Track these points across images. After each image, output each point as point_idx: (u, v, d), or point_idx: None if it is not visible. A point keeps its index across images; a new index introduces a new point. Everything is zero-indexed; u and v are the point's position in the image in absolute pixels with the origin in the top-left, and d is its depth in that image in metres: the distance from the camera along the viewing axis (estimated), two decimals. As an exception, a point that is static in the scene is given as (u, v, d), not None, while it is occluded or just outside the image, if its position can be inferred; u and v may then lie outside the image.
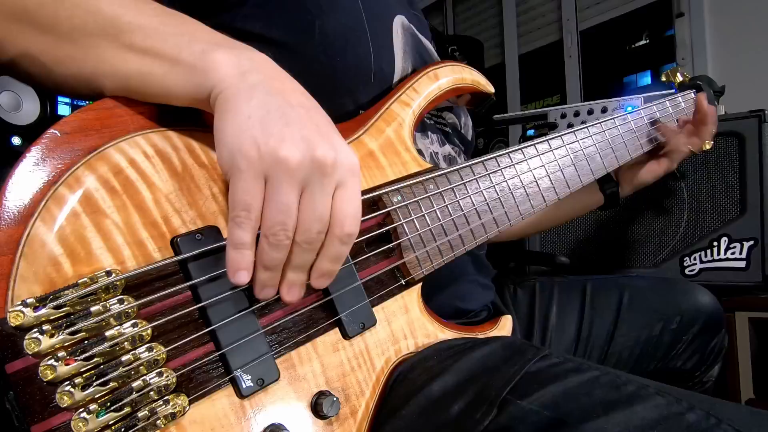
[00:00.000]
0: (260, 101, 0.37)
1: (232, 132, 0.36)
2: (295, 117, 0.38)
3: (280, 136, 0.36)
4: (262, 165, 0.36)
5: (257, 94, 0.37)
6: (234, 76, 0.38)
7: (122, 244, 0.37)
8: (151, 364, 0.37)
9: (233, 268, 0.38)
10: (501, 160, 0.63)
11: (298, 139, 0.36)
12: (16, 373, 0.32)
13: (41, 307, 0.33)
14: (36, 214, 0.35)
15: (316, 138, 0.37)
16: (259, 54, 0.41)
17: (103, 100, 0.40)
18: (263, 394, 0.41)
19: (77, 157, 0.37)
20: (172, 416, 0.37)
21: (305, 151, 0.36)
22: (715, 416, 0.38)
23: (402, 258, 0.53)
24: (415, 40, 0.68)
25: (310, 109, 0.40)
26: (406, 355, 0.52)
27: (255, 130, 0.36)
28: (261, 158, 0.36)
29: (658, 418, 0.38)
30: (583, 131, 0.74)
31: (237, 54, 0.39)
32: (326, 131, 0.39)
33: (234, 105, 0.37)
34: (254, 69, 0.39)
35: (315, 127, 0.38)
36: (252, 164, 0.36)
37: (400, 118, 0.59)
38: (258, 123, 0.36)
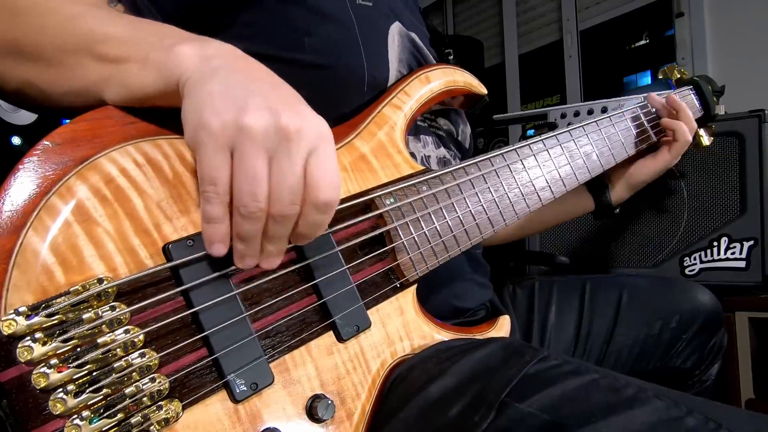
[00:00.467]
0: (222, 78, 0.37)
1: (194, 108, 0.36)
2: (258, 89, 0.37)
3: (242, 105, 0.35)
4: (225, 136, 0.35)
5: (219, 73, 0.37)
6: (198, 63, 0.38)
7: (114, 251, 0.38)
8: (144, 370, 0.37)
9: (208, 242, 0.38)
10: (495, 161, 0.63)
11: (261, 108, 0.36)
12: (10, 381, 0.33)
13: (34, 315, 0.34)
14: (28, 224, 0.35)
15: (281, 106, 0.37)
16: (225, 44, 0.41)
17: (93, 111, 0.41)
18: (257, 399, 0.41)
19: (69, 167, 0.37)
20: (165, 422, 0.37)
21: (269, 119, 0.36)
22: (714, 420, 0.38)
23: (396, 260, 0.53)
24: (413, 46, 0.68)
25: (274, 84, 0.40)
26: (402, 357, 0.52)
27: (216, 102, 0.35)
28: (224, 129, 0.35)
29: (657, 422, 0.38)
30: (578, 130, 0.74)
31: (202, 43, 0.40)
32: (292, 101, 0.39)
33: (196, 86, 0.37)
34: (218, 54, 0.39)
35: (279, 98, 0.38)
36: (214, 136, 0.35)
37: (391, 121, 0.59)
38: (219, 96, 0.36)
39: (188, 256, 0.40)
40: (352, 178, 0.53)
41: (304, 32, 0.56)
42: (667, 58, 1.97)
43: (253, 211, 0.36)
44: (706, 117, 0.97)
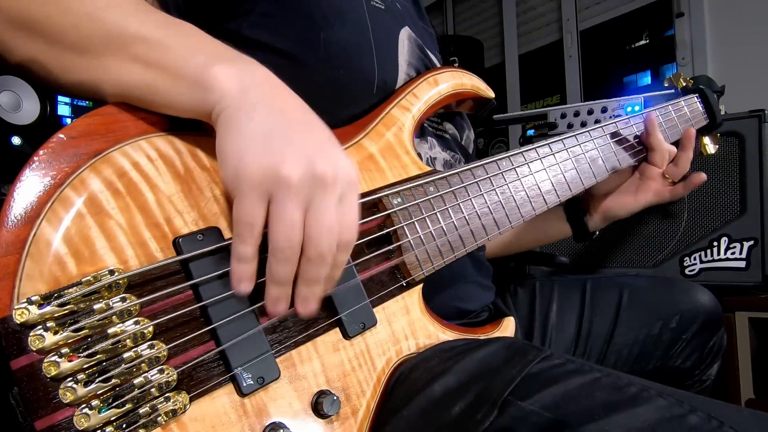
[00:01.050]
0: (261, 120, 0.38)
1: (236, 152, 0.37)
2: (295, 134, 0.39)
3: (281, 156, 0.37)
4: (265, 185, 0.37)
5: (258, 113, 0.38)
6: (235, 93, 0.38)
7: (125, 244, 0.38)
8: (153, 362, 0.37)
9: (237, 279, 0.39)
10: (501, 163, 0.63)
11: (298, 157, 0.37)
12: (21, 369, 0.33)
13: (46, 304, 0.34)
14: (42, 215, 0.35)
15: (316, 154, 0.38)
16: (260, 68, 0.42)
17: (108, 106, 0.41)
18: (263, 393, 0.42)
19: (82, 161, 0.38)
20: (172, 413, 0.37)
21: (306, 168, 0.37)
22: (716, 418, 0.38)
23: (402, 259, 0.53)
24: (422, 52, 0.68)
25: (309, 125, 0.41)
26: (407, 355, 0.52)
27: (257, 150, 0.37)
28: (264, 179, 0.37)
29: (659, 420, 0.38)
30: (585, 135, 0.74)
31: (238, 68, 0.40)
32: (325, 146, 0.40)
33: (236, 124, 0.38)
34: (255, 85, 0.40)
35: (315, 143, 0.39)
36: (255, 185, 0.37)
37: (400, 122, 0.59)
38: (259, 144, 0.37)
39: (198, 250, 0.40)
40: (360, 177, 0.53)
41: (321, 27, 0.57)
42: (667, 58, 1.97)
43: (288, 255, 0.38)
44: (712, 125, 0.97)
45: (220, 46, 0.42)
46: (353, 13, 0.59)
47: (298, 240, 0.38)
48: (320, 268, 0.40)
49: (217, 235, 0.42)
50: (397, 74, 0.63)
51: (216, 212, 0.43)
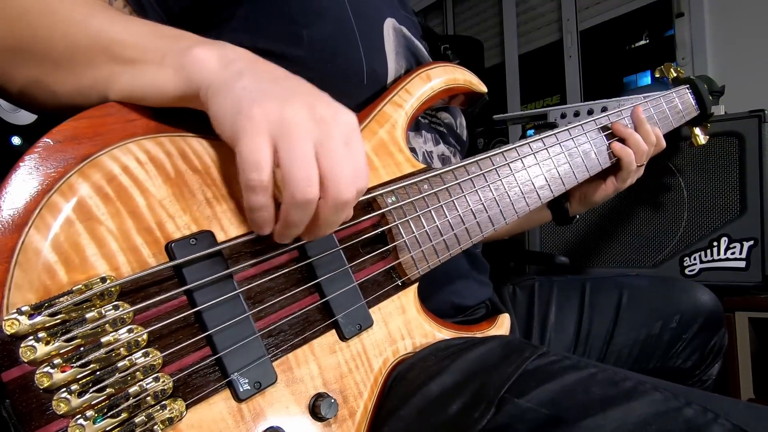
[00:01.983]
0: (250, 78, 0.38)
1: (231, 102, 0.36)
2: (288, 85, 0.39)
3: (281, 98, 0.36)
4: (267, 125, 0.36)
5: (245, 75, 0.38)
6: (219, 68, 0.39)
7: (117, 250, 0.38)
8: (148, 370, 0.37)
9: (258, 227, 0.39)
10: (495, 159, 0.63)
11: (297, 101, 0.37)
12: (13, 381, 0.32)
13: (36, 314, 0.33)
14: (30, 223, 0.35)
15: (315, 101, 0.38)
16: (239, 48, 0.42)
17: (94, 108, 0.40)
18: (261, 398, 0.41)
19: (70, 165, 0.37)
20: (169, 421, 0.37)
21: (308, 110, 0.37)
22: (712, 411, 0.38)
23: (398, 258, 0.53)
24: (407, 41, 0.68)
25: (299, 82, 0.41)
26: (404, 355, 0.52)
27: (254, 95, 0.36)
28: (266, 119, 0.35)
29: (655, 414, 0.38)
30: (577, 128, 0.74)
31: (218, 48, 0.40)
32: (321, 95, 0.40)
33: (225, 86, 0.37)
34: (238, 58, 0.40)
35: (310, 93, 0.39)
36: (257, 124, 0.35)
37: (392, 119, 0.59)
38: (255, 90, 0.37)
39: (191, 255, 0.40)
40: None
41: (302, 25, 0.57)
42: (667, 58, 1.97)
43: (309, 197, 0.37)
44: (702, 116, 0.97)
45: (198, 37, 0.43)
46: (334, 7, 0.59)
47: (316, 179, 0.37)
48: (342, 212, 0.39)
49: (210, 239, 0.41)
50: (386, 64, 0.63)
51: (209, 215, 0.42)
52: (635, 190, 0.91)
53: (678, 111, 0.92)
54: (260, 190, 0.36)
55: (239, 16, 0.55)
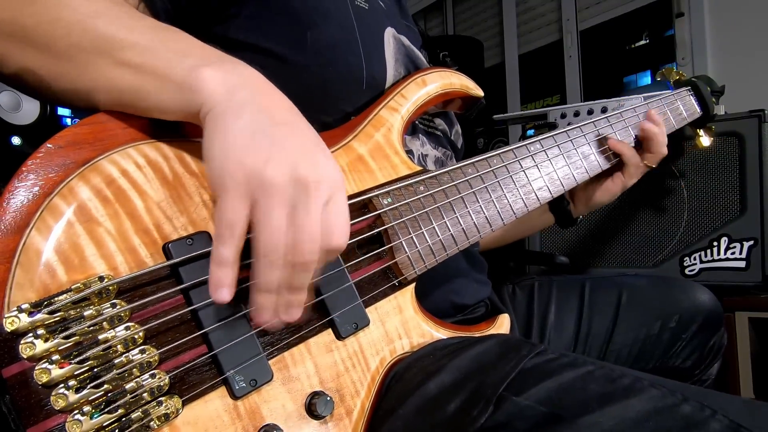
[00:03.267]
0: (247, 121, 0.38)
1: (220, 152, 0.37)
2: (280, 136, 0.39)
3: (265, 158, 0.37)
4: (247, 186, 0.37)
5: (244, 113, 0.38)
6: (222, 93, 0.39)
7: (115, 250, 0.38)
8: (144, 367, 0.38)
9: (215, 285, 0.38)
10: (492, 161, 0.63)
11: (282, 160, 0.37)
12: (12, 376, 0.33)
13: (36, 312, 0.34)
14: (31, 225, 0.36)
15: (300, 158, 0.38)
16: (247, 68, 0.42)
17: (95, 115, 0.41)
18: (257, 395, 0.42)
19: (71, 169, 0.38)
20: (165, 417, 0.37)
21: (289, 172, 0.37)
22: (709, 407, 0.38)
23: (394, 259, 0.53)
24: (407, 49, 0.69)
25: (294, 126, 0.41)
26: (401, 354, 0.52)
27: (241, 151, 0.37)
28: (246, 180, 0.37)
29: (652, 410, 0.38)
30: (576, 131, 0.74)
31: (225, 70, 0.40)
32: (310, 148, 0.40)
33: (222, 124, 0.38)
34: (241, 85, 0.40)
35: (299, 145, 0.39)
36: (237, 185, 0.37)
37: (389, 123, 0.59)
38: (244, 144, 0.37)
39: (187, 255, 0.40)
40: (350, 178, 0.53)
41: (307, 26, 0.57)
42: (667, 58, 1.97)
43: (273, 260, 0.38)
44: (705, 117, 0.97)
45: (207, 50, 0.43)
46: (338, 12, 0.60)
47: (284, 244, 0.38)
48: (303, 275, 0.40)
49: (206, 239, 0.42)
50: (385, 70, 0.63)
51: (205, 217, 0.43)
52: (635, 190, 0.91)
53: (680, 113, 0.92)
54: (230, 244, 0.37)
55: (246, 14, 0.56)
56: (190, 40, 0.43)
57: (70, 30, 0.40)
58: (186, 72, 0.39)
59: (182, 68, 0.39)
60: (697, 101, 0.96)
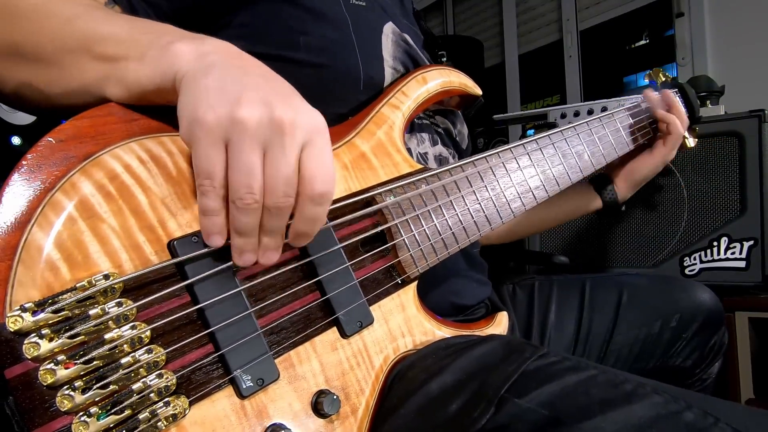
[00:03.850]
0: (217, 74, 0.37)
1: (189, 103, 0.36)
2: (253, 82, 0.38)
3: (236, 99, 0.36)
4: (219, 129, 0.35)
5: (215, 69, 0.37)
6: (193, 59, 0.38)
7: (119, 247, 0.38)
8: (151, 366, 0.37)
9: (206, 233, 0.38)
10: (490, 159, 0.64)
11: (255, 101, 0.36)
12: (16, 378, 0.33)
13: (40, 311, 0.33)
14: (33, 221, 0.35)
15: (275, 99, 0.37)
16: (223, 42, 0.41)
17: (97, 108, 0.41)
18: (263, 394, 0.42)
19: (73, 164, 0.37)
20: (173, 417, 0.37)
21: (263, 112, 0.36)
22: (712, 415, 0.38)
23: (397, 257, 0.54)
24: (407, 46, 0.69)
25: (269, 77, 0.40)
26: (404, 352, 0.52)
27: (211, 97, 0.36)
28: (218, 122, 0.35)
29: (655, 417, 0.38)
30: (570, 130, 0.75)
31: (198, 41, 0.40)
32: (286, 93, 0.39)
33: (192, 82, 0.37)
34: (213, 51, 0.39)
35: (274, 90, 0.38)
36: (209, 130, 0.35)
37: (390, 120, 0.59)
38: (213, 90, 0.36)
39: (193, 252, 0.40)
40: (353, 176, 0.53)
41: (300, 31, 0.57)
42: (667, 58, 1.97)
43: (248, 203, 0.37)
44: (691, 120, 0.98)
45: (183, 31, 0.42)
46: (331, 14, 0.60)
47: (258, 187, 0.36)
48: (277, 218, 0.38)
49: (212, 237, 0.41)
50: (383, 69, 0.63)
51: (211, 214, 0.42)
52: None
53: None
54: (211, 193, 0.37)
55: (237, 23, 0.56)
56: (166, 26, 0.43)
57: (54, 35, 0.42)
58: (162, 47, 0.39)
59: (158, 46, 0.39)
60: (683, 103, 0.96)
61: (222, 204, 0.37)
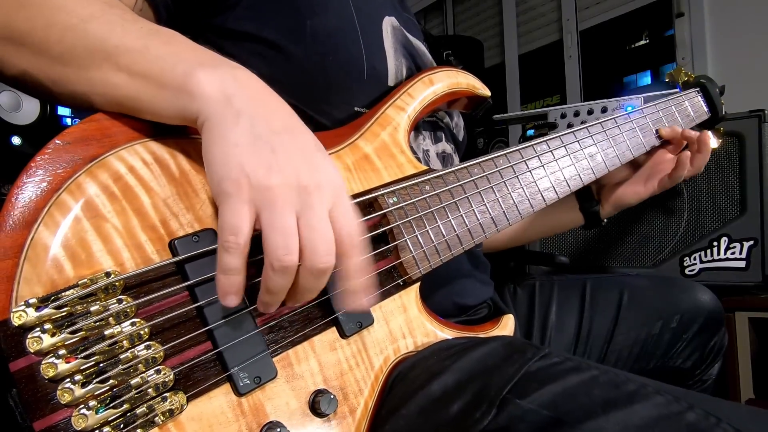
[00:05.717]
0: (245, 128, 0.38)
1: (221, 159, 0.37)
2: (280, 143, 0.39)
3: (267, 165, 0.37)
4: (250, 192, 0.37)
5: (242, 121, 0.38)
6: (218, 101, 0.38)
7: (122, 246, 0.39)
8: (149, 362, 0.38)
9: (223, 293, 0.38)
10: (498, 161, 0.63)
11: (283, 167, 0.37)
12: (19, 371, 0.34)
13: (43, 307, 0.34)
14: (39, 220, 0.36)
15: (301, 164, 0.39)
16: (243, 71, 0.42)
17: (103, 112, 0.41)
18: (261, 392, 0.42)
19: (78, 166, 0.38)
20: (170, 413, 0.38)
21: (292, 179, 0.37)
22: (714, 415, 0.38)
23: (399, 258, 0.53)
24: (406, 40, 0.69)
25: (293, 133, 0.41)
26: (405, 354, 0.52)
27: (242, 157, 0.37)
28: (250, 185, 0.37)
29: (657, 418, 0.38)
30: (582, 131, 0.74)
31: (220, 74, 0.39)
32: (310, 155, 0.40)
33: (220, 132, 0.38)
34: (238, 91, 0.39)
35: (299, 153, 0.39)
36: (240, 189, 0.36)
37: (395, 122, 0.59)
38: (245, 151, 0.37)
39: (193, 252, 0.40)
40: (356, 177, 0.53)
41: (306, 15, 0.57)
42: (667, 58, 1.97)
43: (287, 265, 0.37)
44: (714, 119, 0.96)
45: (201, 52, 0.42)
46: (336, 2, 0.60)
47: (296, 248, 0.37)
48: (318, 280, 0.40)
49: (212, 236, 0.42)
50: (386, 60, 0.63)
51: (211, 214, 0.43)
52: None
53: (688, 114, 0.91)
54: (235, 251, 0.37)
55: (245, 4, 0.56)
56: (185, 43, 0.43)
57: (63, 35, 0.40)
58: (181, 77, 0.39)
59: (177, 73, 0.39)
60: (705, 102, 0.96)
61: (244, 264, 0.38)
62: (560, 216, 0.92)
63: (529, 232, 0.94)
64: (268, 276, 0.38)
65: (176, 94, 0.39)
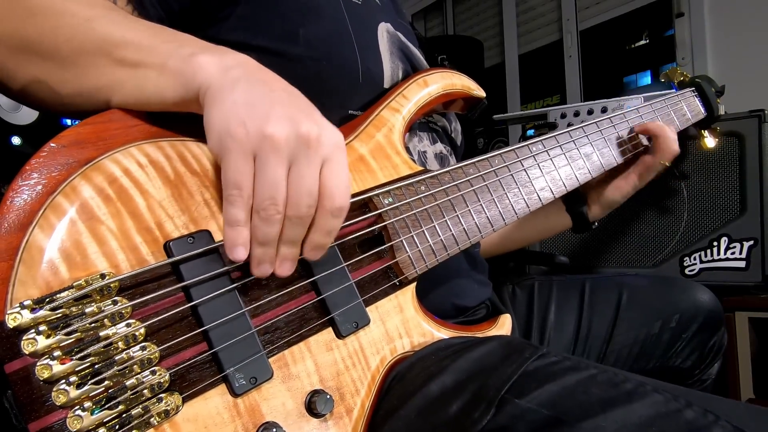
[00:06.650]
0: (244, 89, 0.39)
1: (220, 117, 0.38)
2: (278, 99, 0.40)
3: (265, 115, 0.38)
4: (249, 143, 0.38)
5: (240, 84, 0.39)
6: (218, 73, 0.40)
7: (117, 248, 0.39)
8: (145, 363, 0.38)
9: (230, 245, 0.39)
10: (493, 161, 0.63)
11: (282, 117, 0.38)
12: (14, 372, 0.34)
13: (38, 308, 0.35)
14: (34, 222, 0.36)
15: (300, 116, 0.39)
16: (242, 55, 0.43)
17: (98, 115, 0.42)
18: (256, 393, 0.42)
19: (73, 168, 0.39)
20: (165, 414, 0.38)
21: (290, 128, 0.38)
22: (712, 413, 0.38)
23: (395, 258, 0.53)
24: (401, 44, 0.69)
25: (292, 93, 0.42)
26: (402, 354, 0.52)
27: (241, 112, 0.38)
28: (248, 136, 0.37)
29: (655, 416, 0.38)
30: (578, 131, 0.74)
31: (220, 54, 0.42)
32: (309, 111, 0.41)
33: (219, 96, 0.39)
34: (236, 65, 0.41)
35: (298, 107, 0.40)
36: (240, 143, 0.37)
37: (390, 123, 0.60)
38: (243, 106, 0.38)
39: (188, 253, 0.40)
40: (351, 178, 0.53)
41: (299, 24, 0.58)
42: (667, 58, 1.97)
43: (272, 214, 0.39)
44: (710, 118, 0.96)
45: (204, 43, 0.44)
46: (329, 8, 0.61)
47: (282, 199, 0.39)
48: (297, 228, 0.41)
49: (207, 238, 0.42)
50: (381, 64, 0.64)
51: (206, 216, 0.43)
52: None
53: (684, 114, 0.91)
54: (239, 203, 0.38)
55: (237, 15, 0.56)
56: (186, 36, 0.45)
57: (72, 35, 0.42)
58: (184, 59, 0.40)
59: (179, 56, 0.41)
60: (701, 102, 0.96)
61: (248, 215, 0.39)
62: (549, 219, 0.91)
63: (515, 236, 0.94)
64: (255, 225, 0.39)
65: (179, 75, 0.40)
